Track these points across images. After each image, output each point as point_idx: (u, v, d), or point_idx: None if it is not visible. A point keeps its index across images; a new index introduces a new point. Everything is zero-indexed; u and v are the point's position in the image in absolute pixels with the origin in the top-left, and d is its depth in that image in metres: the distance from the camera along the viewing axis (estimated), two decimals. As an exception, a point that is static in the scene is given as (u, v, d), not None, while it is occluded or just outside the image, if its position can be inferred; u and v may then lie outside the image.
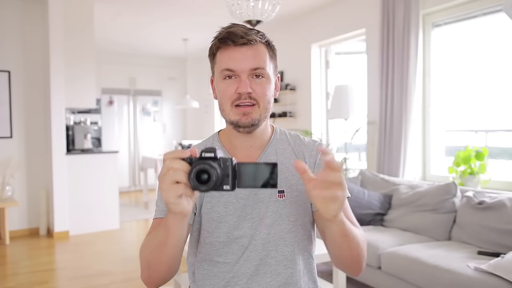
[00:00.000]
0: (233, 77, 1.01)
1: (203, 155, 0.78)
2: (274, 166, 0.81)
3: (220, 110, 1.05)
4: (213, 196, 1.05)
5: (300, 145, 1.12)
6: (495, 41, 3.35)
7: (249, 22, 3.24)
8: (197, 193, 0.79)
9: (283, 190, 1.05)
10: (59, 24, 4.50)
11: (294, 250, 1.05)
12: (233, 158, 0.79)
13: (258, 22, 3.25)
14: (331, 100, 4.19)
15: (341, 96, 3.98)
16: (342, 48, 5.08)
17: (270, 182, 0.81)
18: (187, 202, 0.78)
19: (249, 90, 1.00)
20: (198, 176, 0.75)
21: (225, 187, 0.78)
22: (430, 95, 3.75)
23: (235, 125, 1.03)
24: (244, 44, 1.00)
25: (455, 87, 3.64)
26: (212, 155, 0.77)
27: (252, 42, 1.01)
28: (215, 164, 0.76)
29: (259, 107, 1.02)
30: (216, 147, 0.79)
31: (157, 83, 8.11)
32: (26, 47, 4.75)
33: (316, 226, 1.10)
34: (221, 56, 1.02)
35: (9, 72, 4.65)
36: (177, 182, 0.75)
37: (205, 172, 0.75)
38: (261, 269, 1.03)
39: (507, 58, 3.28)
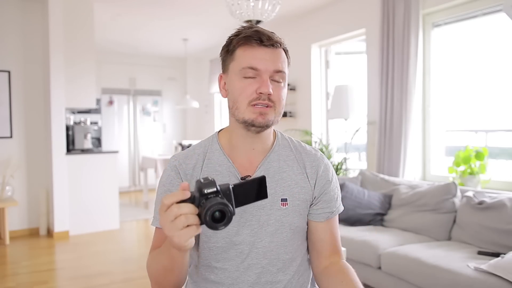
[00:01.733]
0: (253, 76, 0.99)
1: (204, 191, 0.77)
2: (262, 180, 0.84)
3: (232, 108, 1.01)
4: None
5: (302, 153, 1.11)
6: (495, 41, 3.35)
7: (249, 22, 3.23)
8: None
9: (286, 199, 1.04)
10: (59, 24, 4.50)
11: (293, 257, 1.06)
12: (229, 184, 0.81)
13: (258, 22, 3.24)
14: (331, 100, 4.19)
15: (341, 96, 3.98)
16: (342, 48, 5.08)
17: (261, 195, 0.84)
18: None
19: (271, 91, 0.97)
20: (212, 216, 0.76)
21: None
22: (430, 95, 3.75)
23: (248, 124, 0.99)
24: (270, 45, 0.99)
25: (455, 87, 3.63)
26: (214, 189, 0.78)
27: (276, 45, 1.00)
28: (222, 200, 0.77)
29: (275, 110, 1.00)
30: (212, 179, 0.78)
31: (157, 83, 8.10)
32: (26, 47, 4.75)
33: (307, 235, 1.11)
34: (244, 53, 0.99)
35: (9, 72, 4.65)
36: (188, 226, 0.76)
37: (219, 211, 0.76)
38: (262, 277, 1.03)
39: (507, 58, 3.27)
